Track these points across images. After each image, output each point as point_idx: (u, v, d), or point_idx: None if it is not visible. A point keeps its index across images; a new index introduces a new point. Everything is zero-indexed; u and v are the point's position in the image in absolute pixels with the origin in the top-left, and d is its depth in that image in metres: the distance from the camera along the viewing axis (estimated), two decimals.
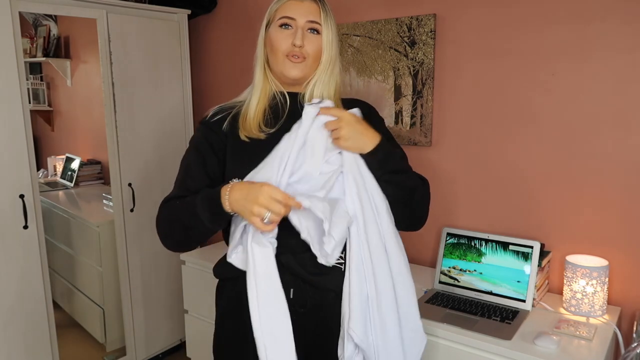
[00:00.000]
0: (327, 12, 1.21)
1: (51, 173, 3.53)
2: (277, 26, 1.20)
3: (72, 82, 3.30)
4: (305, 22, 1.18)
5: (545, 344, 1.38)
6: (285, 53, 1.19)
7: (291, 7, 1.19)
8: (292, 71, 1.20)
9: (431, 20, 1.89)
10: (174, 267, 2.62)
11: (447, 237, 1.83)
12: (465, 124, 1.89)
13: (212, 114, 1.26)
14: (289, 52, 1.18)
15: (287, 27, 1.19)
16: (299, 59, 1.19)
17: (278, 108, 1.24)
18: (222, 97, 2.66)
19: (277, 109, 1.24)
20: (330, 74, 1.23)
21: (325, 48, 1.20)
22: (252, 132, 1.20)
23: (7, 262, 1.98)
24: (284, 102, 1.25)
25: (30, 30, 3.30)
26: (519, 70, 1.75)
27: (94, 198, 2.99)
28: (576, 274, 1.59)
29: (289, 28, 1.19)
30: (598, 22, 1.58)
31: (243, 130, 1.21)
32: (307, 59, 1.20)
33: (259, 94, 1.24)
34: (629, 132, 1.58)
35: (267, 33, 1.23)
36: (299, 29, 1.18)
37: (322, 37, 1.20)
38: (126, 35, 2.29)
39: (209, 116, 1.26)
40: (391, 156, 1.20)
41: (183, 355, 2.50)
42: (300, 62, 1.19)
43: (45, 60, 3.24)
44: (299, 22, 1.18)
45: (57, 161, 3.51)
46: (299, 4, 1.19)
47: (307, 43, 1.18)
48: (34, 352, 2.10)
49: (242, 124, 1.22)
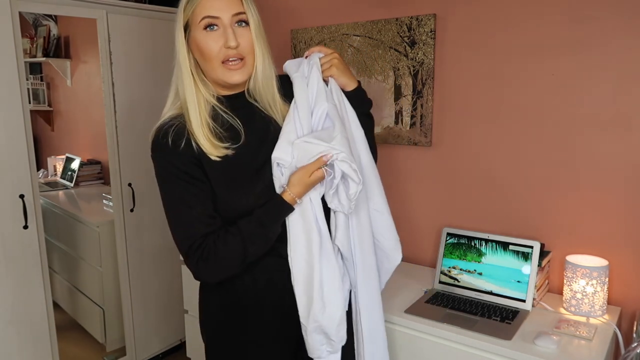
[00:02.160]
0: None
1: (51, 173, 3.53)
2: (200, 29, 1.08)
3: (72, 82, 3.30)
4: (231, 17, 1.08)
5: (545, 344, 1.38)
6: (221, 59, 1.09)
7: (211, 5, 1.07)
8: (234, 77, 1.11)
9: (431, 20, 1.89)
10: (174, 267, 2.62)
11: (447, 237, 1.83)
12: (465, 124, 1.89)
13: (172, 140, 1.09)
14: (224, 58, 1.09)
15: (212, 28, 1.08)
16: (237, 63, 1.10)
17: (223, 118, 1.15)
18: None
19: (223, 118, 1.15)
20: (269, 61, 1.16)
21: (256, 37, 1.11)
22: (214, 153, 1.10)
23: (7, 262, 1.98)
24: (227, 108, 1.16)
25: (30, 30, 3.30)
26: (519, 70, 1.75)
27: (94, 198, 3.00)
28: (576, 274, 1.59)
29: (215, 29, 1.08)
30: (598, 22, 1.58)
31: (210, 154, 1.10)
32: (245, 58, 1.11)
33: (195, 108, 1.11)
34: (630, 132, 1.58)
35: (190, 38, 1.11)
36: (227, 27, 1.08)
37: (250, 27, 1.11)
38: (126, 35, 2.29)
39: (170, 142, 1.09)
40: (365, 96, 1.31)
41: (183, 355, 2.50)
42: (240, 67, 1.11)
43: (45, 60, 3.24)
44: (224, 20, 1.08)
45: (57, 161, 3.51)
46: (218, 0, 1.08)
47: (241, 40, 1.09)
48: (34, 352, 2.10)
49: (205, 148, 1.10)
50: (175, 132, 1.10)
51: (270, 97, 1.20)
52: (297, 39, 2.28)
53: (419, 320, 1.55)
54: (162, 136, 1.10)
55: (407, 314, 1.58)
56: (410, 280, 1.87)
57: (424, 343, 1.53)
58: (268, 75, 1.17)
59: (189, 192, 1.11)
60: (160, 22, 2.42)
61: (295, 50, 2.29)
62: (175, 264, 2.61)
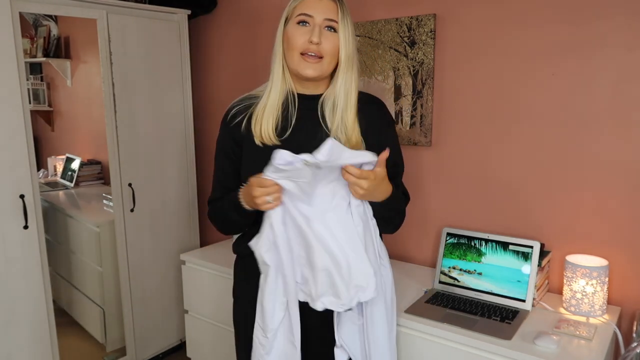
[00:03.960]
0: (345, 11, 1.23)
1: (51, 173, 3.53)
2: (294, 23, 1.22)
3: (72, 82, 3.30)
4: (323, 20, 1.20)
5: (545, 344, 1.38)
6: (300, 50, 1.20)
7: (310, 5, 1.21)
8: (306, 70, 1.22)
9: (431, 20, 1.89)
10: (174, 267, 2.62)
11: (447, 237, 1.83)
12: (465, 124, 1.89)
13: (232, 114, 1.31)
14: (304, 50, 1.20)
15: (304, 24, 1.21)
16: (314, 59, 1.21)
17: (288, 111, 1.27)
18: (222, 97, 2.67)
19: (287, 112, 1.27)
20: (352, 74, 1.25)
21: (342, 46, 1.22)
22: (264, 139, 1.25)
23: (7, 262, 1.98)
24: (293, 106, 1.27)
25: (31, 30, 3.30)
26: (519, 70, 1.75)
27: (94, 198, 2.99)
28: (576, 273, 1.59)
29: (306, 25, 1.21)
30: (598, 22, 1.58)
31: (256, 137, 1.26)
32: (323, 58, 1.22)
33: (277, 93, 1.26)
34: (630, 132, 1.58)
35: (285, 29, 1.24)
36: (316, 26, 1.20)
37: (339, 35, 1.22)
38: (126, 36, 2.29)
39: (229, 117, 1.31)
40: (392, 201, 1.24)
41: (183, 355, 2.50)
42: (316, 63, 1.21)
43: (46, 60, 3.24)
44: (317, 20, 1.20)
45: (57, 161, 3.51)
46: (318, 2, 1.21)
47: (324, 40, 1.20)
48: (34, 352, 2.10)
49: (254, 130, 1.26)
50: (237, 110, 1.31)
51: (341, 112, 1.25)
52: None
53: (419, 320, 1.55)
54: (228, 109, 1.33)
55: (407, 314, 1.58)
56: (410, 280, 1.87)
57: (424, 343, 1.53)
58: (347, 90, 1.24)
59: (222, 161, 1.35)
60: (160, 22, 2.42)
61: None
62: (175, 264, 2.61)
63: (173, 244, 2.61)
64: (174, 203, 2.59)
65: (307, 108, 1.28)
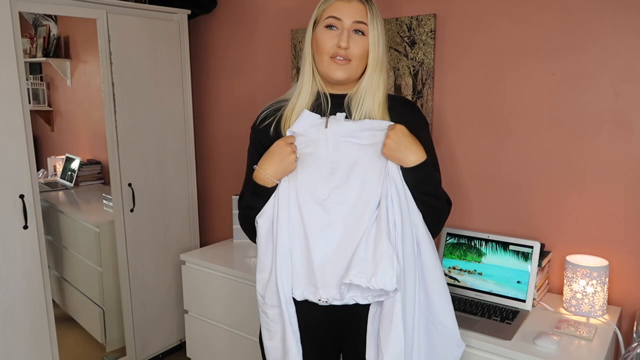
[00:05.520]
0: (374, 13, 1.21)
1: (51, 173, 3.53)
2: (323, 26, 1.21)
3: (72, 82, 3.30)
4: (352, 23, 1.19)
5: (545, 344, 1.38)
6: (329, 54, 1.20)
7: (338, 8, 1.20)
8: (336, 72, 1.21)
9: (431, 20, 1.88)
10: (174, 267, 2.62)
11: (447, 237, 1.83)
12: (465, 124, 1.89)
13: (262, 118, 1.33)
14: (333, 54, 1.20)
15: (333, 28, 1.20)
16: (343, 61, 1.20)
17: (319, 111, 1.27)
18: (222, 97, 2.67)
19: (319, 111, 1.27)
20: (379, 75, 1.24)
21: (371, 49, 1.21)
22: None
23: (7, 262, 1.98)
24: (326, 104, 1.27)
25: (30, 30, 3.30)
26: (518, 70, 1.75)
27: (93, 198, 2.99)
28: (576, 274, 1.59)
29: (334, 29, 1.20)
30: (598, 22, 1.58)
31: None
32: (352, 61, 1.21)
33: (306, 94, 1.27)
34: (630, 132, 1.58)
35: (314, 32, 1.24)
36: (344, 30, 1.19)
37: (369, 38, 1.21)
38: (126, 35, 2.29)
39: (259, 120, 1.34)
40: (429, 179, 1.24)
41: (183, 355, 2.50)
42: (345, 65, 1.20)
43: (45, 60, 3.24)
44: (345, 23, 1.19)
45: (57, 161, 3.51)
46: (346, 4, 1.20)
47: (353, 44, 1.19)
48: (34, 352, 2.10)
49: (283, 130, 1.27)
50: (267, 113, 1.33)
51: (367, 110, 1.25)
52: (297, 39, 2.28)
53: None
54: (261, 113, 1.36)
55: None
56: None
57: None
58: (374, 89, 1.24)
59: (251, 160, 1.35)
60: (160, 22, 2.42)
61: (295, 50, 2.28)
62: (175, 264, 2.61)
63: (173, 243, 2.61)
64: (174, 203, 2.59)
65: (335, 106, 1.27)
